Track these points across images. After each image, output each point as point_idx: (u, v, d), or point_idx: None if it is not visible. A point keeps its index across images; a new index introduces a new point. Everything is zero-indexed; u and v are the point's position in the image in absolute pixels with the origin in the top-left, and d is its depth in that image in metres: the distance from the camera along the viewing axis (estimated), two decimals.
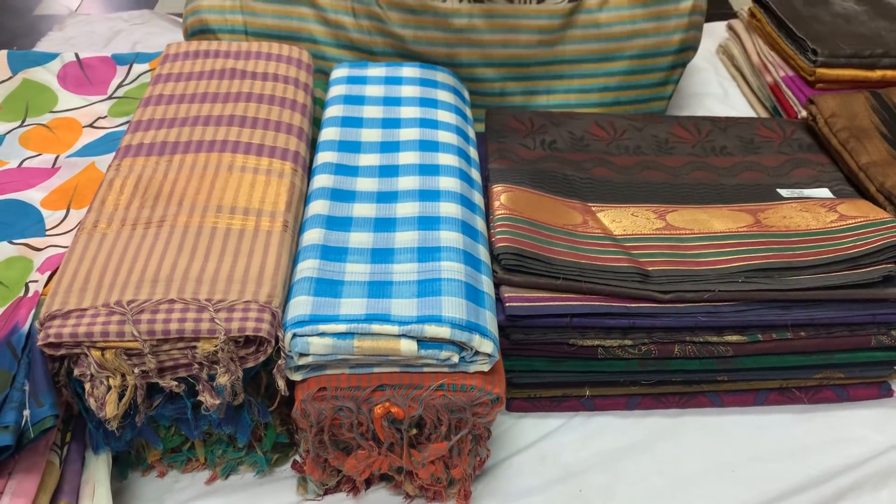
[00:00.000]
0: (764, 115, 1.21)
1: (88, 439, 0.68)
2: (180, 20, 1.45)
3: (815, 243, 0.78)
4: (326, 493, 0.72)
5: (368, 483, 0.73)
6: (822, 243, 0.78)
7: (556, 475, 0.75)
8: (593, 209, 0.84)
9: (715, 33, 1.43)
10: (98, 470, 0.67)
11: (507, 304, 0.71)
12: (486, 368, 0.64)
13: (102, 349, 0.60)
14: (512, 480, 0.74)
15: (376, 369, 0.64)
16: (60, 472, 0.64)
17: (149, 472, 0.74)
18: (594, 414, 0.80)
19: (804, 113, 1.07)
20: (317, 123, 0.89)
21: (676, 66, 1.09)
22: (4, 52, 1.00)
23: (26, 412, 0.58)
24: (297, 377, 0.64)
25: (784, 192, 0.88)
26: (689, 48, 1.08)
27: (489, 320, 0.65)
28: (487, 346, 0.63)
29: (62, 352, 0.61)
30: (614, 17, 1.06)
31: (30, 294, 0.67)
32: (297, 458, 0.73)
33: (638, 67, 1.08)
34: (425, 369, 0.64)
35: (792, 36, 1.16)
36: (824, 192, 0.88)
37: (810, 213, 0.83)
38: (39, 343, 0.61)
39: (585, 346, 0.73)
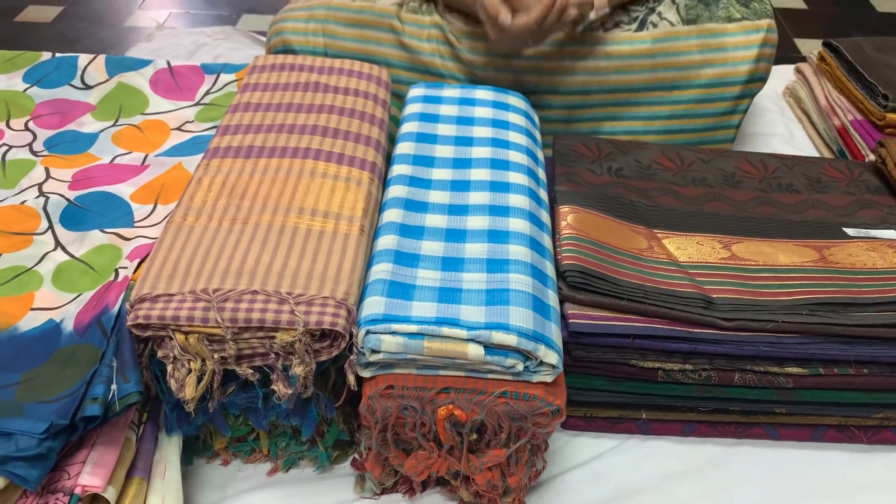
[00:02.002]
0: (830, 157, 1.21)
1: (163, 421, 0.71)
2: (260, 37, 1.52)
3: (882, 282, 0.78)
4: (383, 492, 0.74)
5: (424, 486, 0.74)
6: (888, 282, 0.78)
7: (609, 494, 0.75)
8: (658, 235, 0.85)
9: (782, 75, 1.44)
10: (170, 451, 0.70)
11: (571, 321, 0.73)
12: (549, 379, 0.66)
13: (186, 333, 0.64)
14: (564, 496, 0.75)
15: (442, 372, 0.66)
16: (136, 450, 0.67)
17: (213, 460, 0.77)
18: (649, 437, 0.81)
19: (872, 157, 1.07)
20: (391, 139, 0.92)
21: (744, 96, 1.09)
22: (103, 56, 1.06)
23: (113, 387, 0.62)
24: (366, 374, 0.66)
25: (850, 232, 0.88)
26: (757, 79, 1.09)
27: (554, 332, 0.67)
28: (552, 358, 0.64)
29: (149, 333, 0.64)
30: (683, 47, 1.08)
31: (119, 279, 0.71)
32: (356, 456, 0.75)
33: (705, 96, 1.09)
34: (489, 375, 0.66)
35: (862, 81, 1.16)
36: (891, 234, 0.88)
37: (877, 252, 0.83)
38: (129, 323, 0.64)
39: (646, 368, 0.74)
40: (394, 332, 0.64)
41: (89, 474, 0.61)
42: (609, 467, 0.78)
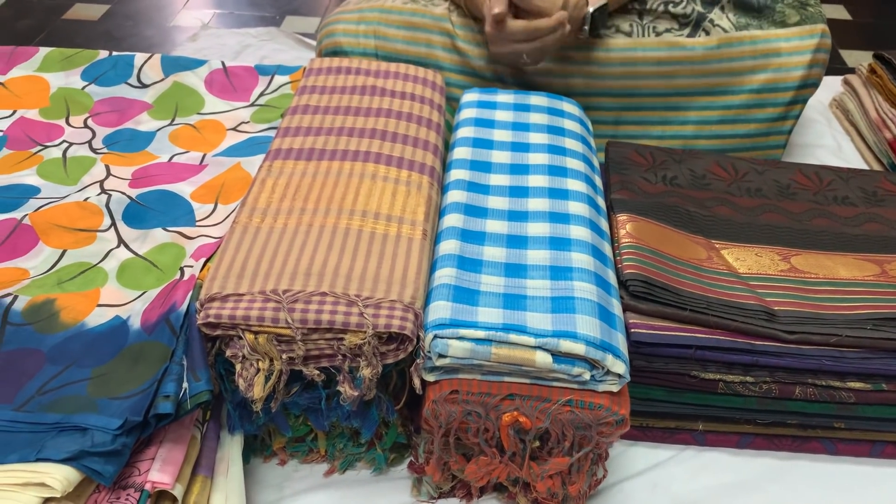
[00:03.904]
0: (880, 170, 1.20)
1: (225, 420, 0.71)
2: (305, 38, 1.53)
3: None
4: (440, 496, 0.74)
5: (482, 491, 0.74)
6: None
7: None
8: (717, 246, 0.85)
9: (828, 86, 1.43)
10: (232, 449, 0.70)
11: (632, 331, 0.73)
12: (615, 389, 0.65)
13: (256, 333, 0.64)
14: None
15: (507, 378, 0.66)
16: (200, 448, 0.68)
17: (270, 459, 0.77)
18: (704, 449, 0.80)
19: None
20: (445, 144, 0.93)
21: (796, 101, 1.08)
22: (158, 55, 1.07)
23: (185, 385, 0.62)
24: (430, 378, 0.66)
25: None
26: (810, 85, 1.08)
27: (621, 342, 0.66)
28: (619, 367, 0.64)
29: (218, 332, 0.65)
30: (735, 52, 1.07)
31: (186, 278, 0.72)
32: (413, 459, 0.76)
33: (756, 101, 1.08)
34: (555, 383, 0.66)
35: None
36: None
37: None
38: (199, 322, 0.65)
39: (706, 380, 0.74)
40: (461, 338, 0.64)
41: (158, 471, 0.62)
42: (666, 478, 0.77)
